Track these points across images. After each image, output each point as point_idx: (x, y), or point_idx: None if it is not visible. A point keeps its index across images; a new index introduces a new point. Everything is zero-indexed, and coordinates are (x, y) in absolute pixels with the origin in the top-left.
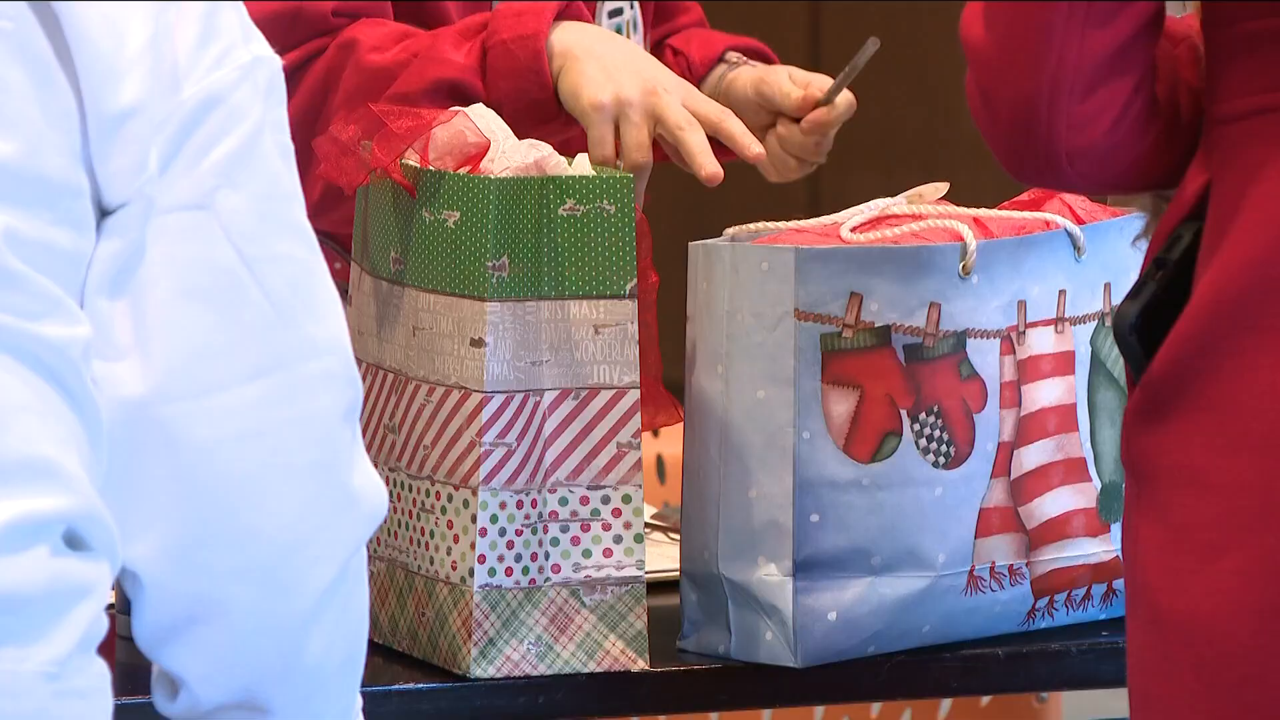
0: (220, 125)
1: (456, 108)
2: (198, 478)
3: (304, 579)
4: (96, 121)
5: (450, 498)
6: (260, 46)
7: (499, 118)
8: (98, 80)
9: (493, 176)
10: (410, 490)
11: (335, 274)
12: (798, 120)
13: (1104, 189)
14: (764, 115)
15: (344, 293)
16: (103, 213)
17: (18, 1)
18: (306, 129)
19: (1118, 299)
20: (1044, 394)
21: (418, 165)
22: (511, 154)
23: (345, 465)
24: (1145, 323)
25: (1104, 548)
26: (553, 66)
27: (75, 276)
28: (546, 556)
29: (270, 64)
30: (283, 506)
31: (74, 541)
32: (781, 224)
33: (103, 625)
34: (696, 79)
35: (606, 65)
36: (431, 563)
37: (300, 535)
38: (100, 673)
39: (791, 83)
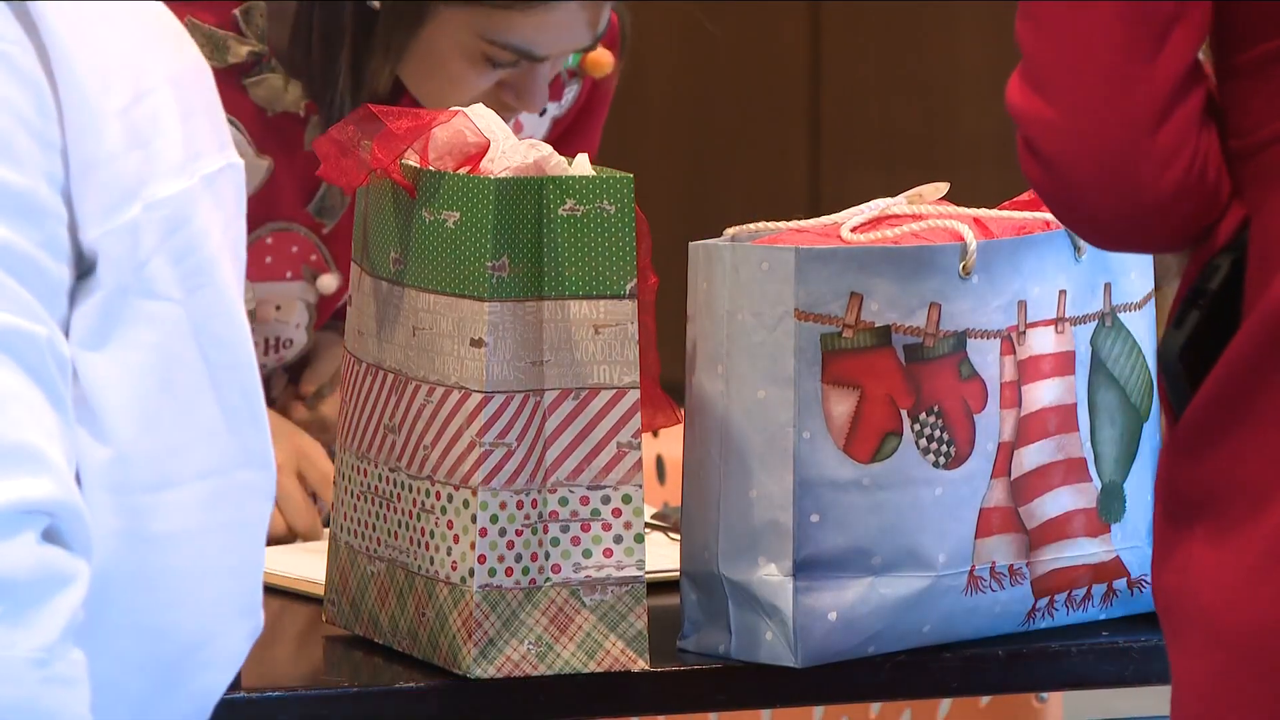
0: (200, 228)
1: (456, 108)
2: (141, 570)
3: (194, 680)
4: (78, 158)
5: (450, 498)
6: (231, 153)
7: (499, 117)
8: (84, 120)
9: (492, 176)
10: (410, 490)
11: (312, 265)
12: None
13: (1191, 232)
14: None
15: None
16: (78, 252)
17: (14, 27)
18: None
19: (1118, 299)
20: (1044, 394)
21: (417, 165)
22: (511, 154)
23: (255, 577)
24: (1188, 353)
25: (1104, 548)
26: None
27: (56, 301)
28: (547, 556)
29: (238, 170)
30: (199, 608)
31: (52, 537)
32: (781, 224)
33: (81, 617)
34: None
35: None
36: (431, 563)
37: (203, 637)
38: (80, 661)
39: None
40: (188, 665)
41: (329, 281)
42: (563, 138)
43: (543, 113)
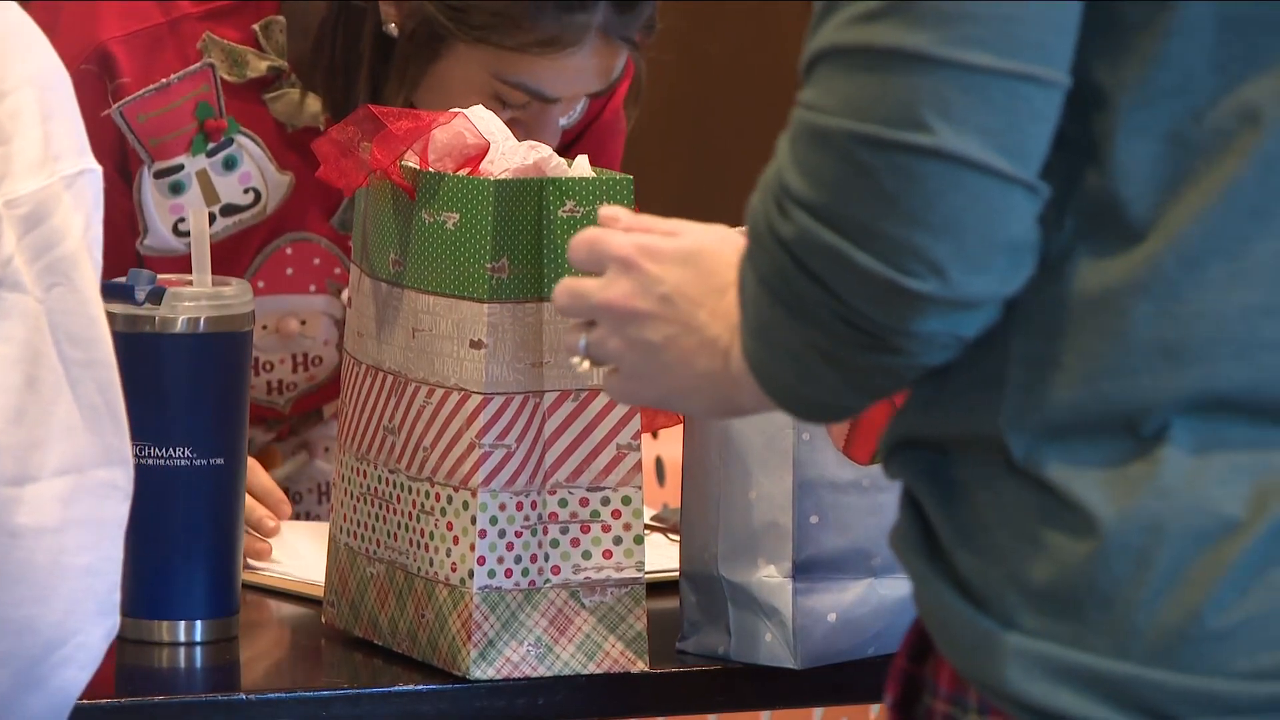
0: (58, 227)
1: (455, 109)
2: (2, 563)
3: (55, 676)
4: None
5: (450, 499)
6: (89, 159)
7: (498, 119)
8: None
9: (492, 178)
10: (410, 492)
11: (336, 279)
12: None
13: None
14: None
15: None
16: None
17: None
18: None
19: None
20: None
21: (417, 167)
22: (511, 155)
23: (114, 575)
24: None
25: None
26: None
27: None
28: (546, 558)
29: (97, 176)
30: (59, 604)
31: None
32: None
33: None
34: None
35: None
36: (431, 564)
37: (63, 634)
38: None
39: None
40: (49, 662)
41: None
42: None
43: None
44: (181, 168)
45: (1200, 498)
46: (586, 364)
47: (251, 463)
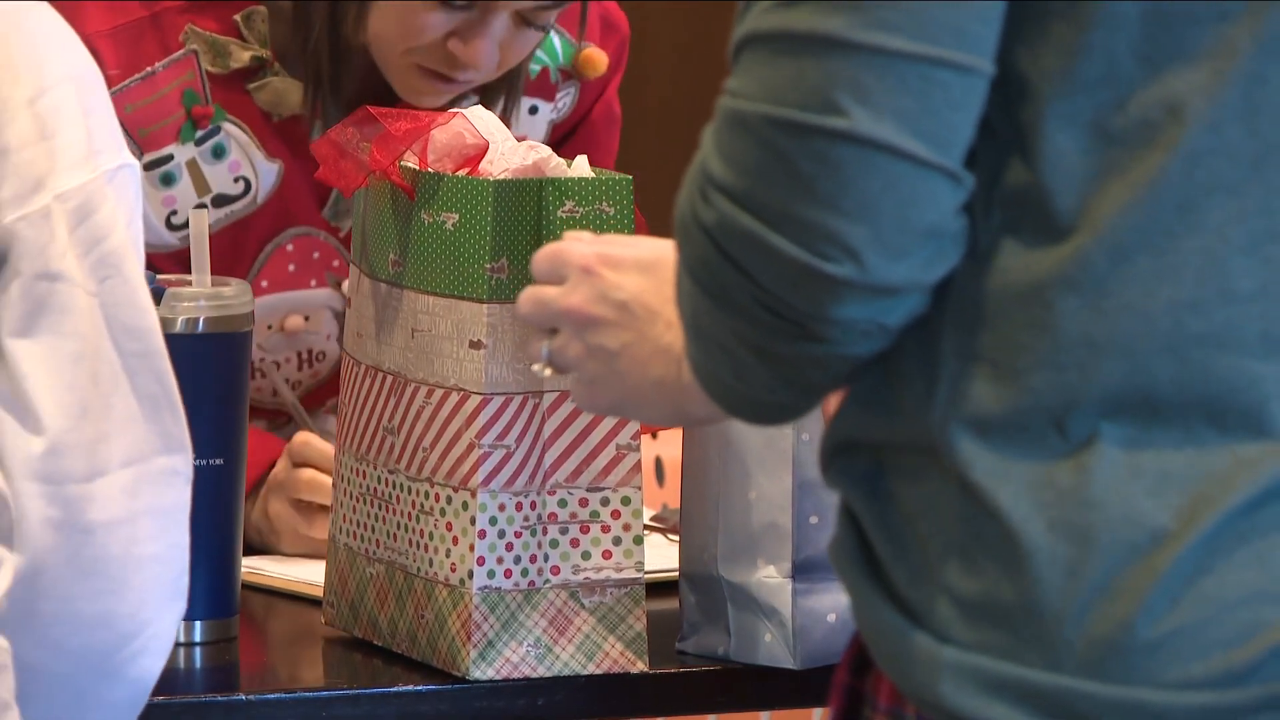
0: (106, 219)
1: (455, 110)
2: (76, 559)
3: (132, 666)
4: None
5: (449, 500)
6: (127, 155)
7: (497, 119)
8: None
9: (491, 178)
10: (409, 492)
11: (335, 271)
12: None
13: None
14: None
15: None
16: None
17: None
18: None
19: None
20: None
21: (416, 167)
22: (510, 155)
23: (181, 561)
24: None
25: None
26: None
27: None
28: (546, 558)
29: (135, 170)
30: (132, 594)
31: None
32: None
33: (3, 605)
34: None
35: None
36: (430, 565)
37: (138, 624)
38: (4, 649)
39: None
40: (126, 652)
41: None
42: (570, 150)
43: (534, 110)
44: (171, 158)
45: (1130, 508)
46: (549, 371)
47: (308, 436)
